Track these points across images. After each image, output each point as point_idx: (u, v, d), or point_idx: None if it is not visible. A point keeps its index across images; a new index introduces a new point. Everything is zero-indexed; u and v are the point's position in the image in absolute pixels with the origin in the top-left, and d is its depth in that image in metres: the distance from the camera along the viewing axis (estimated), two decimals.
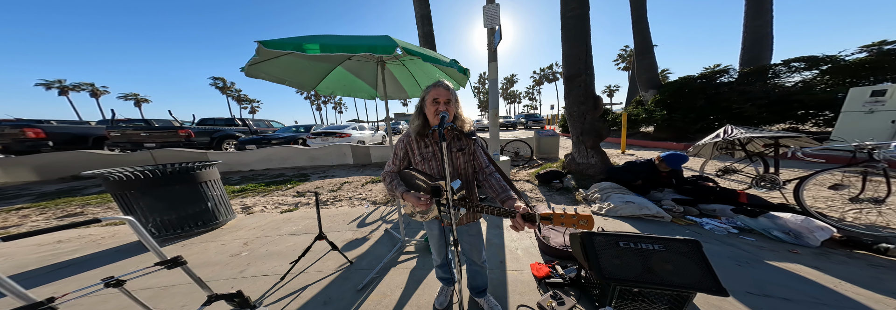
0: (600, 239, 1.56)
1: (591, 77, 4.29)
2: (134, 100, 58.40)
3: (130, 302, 1.24)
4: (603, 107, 4.43)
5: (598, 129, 4.33)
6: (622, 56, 45.38)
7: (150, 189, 2.49)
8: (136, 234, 1.26)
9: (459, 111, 1.19)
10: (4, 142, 7.26)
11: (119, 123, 8.63)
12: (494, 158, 4.35)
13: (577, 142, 4.56)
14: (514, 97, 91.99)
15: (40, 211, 3.79)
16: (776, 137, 2.92)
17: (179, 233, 2.65)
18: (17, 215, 3.65)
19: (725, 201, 2.87)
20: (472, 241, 1.42)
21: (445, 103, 1.13)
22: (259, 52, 1.33)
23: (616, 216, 2.85)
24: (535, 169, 5.19)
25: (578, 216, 0.92)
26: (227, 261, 2.14)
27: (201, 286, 1.42)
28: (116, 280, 1.21)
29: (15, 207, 3.95)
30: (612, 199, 3.06)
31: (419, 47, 1.63)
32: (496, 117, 4.21)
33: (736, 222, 2.57)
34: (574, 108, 4.46)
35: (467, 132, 1.23)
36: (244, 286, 1.79)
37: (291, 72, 1.91)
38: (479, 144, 1.28)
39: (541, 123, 23.12)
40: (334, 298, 1.65)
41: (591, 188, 3.54)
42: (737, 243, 2.23)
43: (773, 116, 6.47)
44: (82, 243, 2.68)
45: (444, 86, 1.13)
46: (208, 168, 2.80)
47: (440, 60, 1.66)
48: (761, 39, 8.85)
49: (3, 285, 0.94)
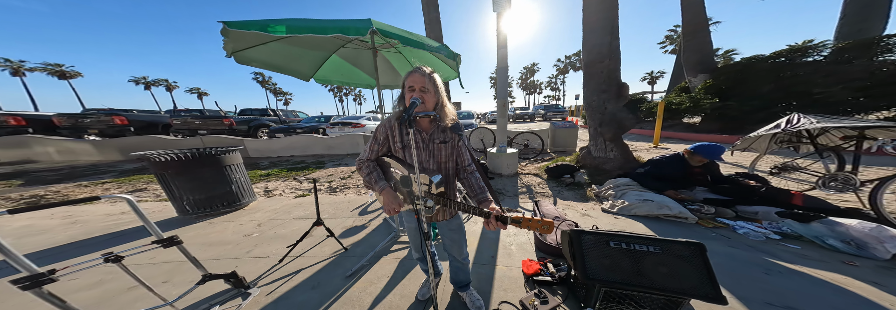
0: (589, 238, 1.43)
1: (615, 62, 3.82)
2: (197, 93, 69.31)
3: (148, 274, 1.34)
4: (628, 95, 3.95)
5: (620, 119, 3.89)
6: (671, 37, 40.05)
7: (183, 170, 2.69)
8: (134, 212, 1.32)
9: (442, 101, 1.09)
10: (100, 127, 8.64)
11: (180, 113, 9.83)
12: (501, 151, 4.14)
13: (595, 134, 4.15)
14: (534, 87, 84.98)
15: (118, 185, 4.35)
16: (862, 127, 2.32)
17: (209, 211, 2.86)
18: (101, 188, 4.24)
19: (772, 203, 2.44)
20: (452, 236, 1.34)
21: (421, 90, 1.03)
22: (225, 34, 1.29)
23: (630, 215, 2.59)
24: (547, 163, 4.87)
25: (543, 222, 0.92)
26: (239, 241, 2.27)
27: (196, 265, 1.49)
28: (115, 256, 1.30)
29: (101, 182, 4.60)
30: (628, 196, 2.76)
31: (400, 30, 1.50)
32: (504, 108, 3.96)
33: (780, 227, 2.19)
34: (593, 97, 4.04)
35: (452, 125, 1.14)
36: (247, 266, 1.88)
37: (284, 59, 1.89)
38: (463, 140, 1.20)
39: (562, 115, 21.01)
40: (323, 283, 1.67)
41: (606, 184, 3.23)
42: (773, 250, 1.91)
43: (873, 101, 5.25)
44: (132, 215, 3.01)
45: (420, 72, 1.03)
46: (231, 153, 2.96)
47: (425, 44, 1.52)
48: (872, 4, 7.06)
49: (9, 256, 1.04)
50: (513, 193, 3.45)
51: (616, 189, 3.00)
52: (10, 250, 1.04)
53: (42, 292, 1.07)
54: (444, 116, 1.11)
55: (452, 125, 1.15)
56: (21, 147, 6.59)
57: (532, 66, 75.36)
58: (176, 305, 1.41)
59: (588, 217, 2.62)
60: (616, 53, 3.80)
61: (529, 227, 0.95)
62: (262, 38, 1.56)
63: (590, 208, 2.86)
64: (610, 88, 3.86)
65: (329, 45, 1.97)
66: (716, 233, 2.21)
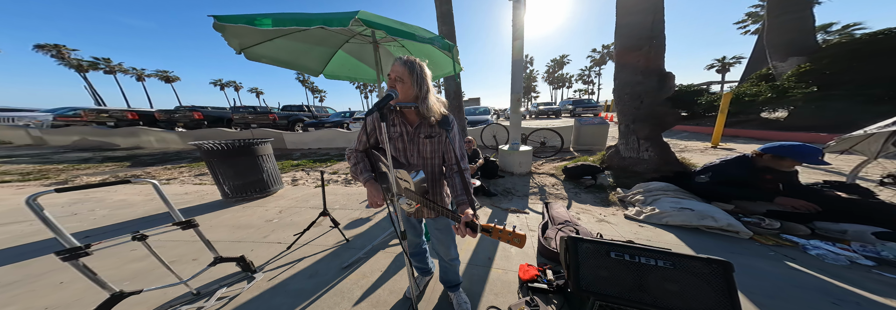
0: (587, 246, 1.30)
1: (658, 48, 3.31)
2: (256, 93, 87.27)
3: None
4: (673, 86, 3.41)
5: (660, 115, 3.41)
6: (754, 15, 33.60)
7: (225, 158, 3.01)
8: (158, 195, 1.47)
9: (424, 93, 1.01)
10: (185, 121, 10.84)
11: (238, 109, 11.38)
12: (514, 148, 3.91)
13: (627, 131, 3.67)
14: (562, 81, 76.56)
15: (190, 169, 5.08)
16: None
17: (244, 196, 3.17)
18: (177, 171, 5.00)
19: (869, 221, 1.91)
20: (438, 235, 1.30)
21: (395, 80, 0.98)
22: (219, 29, 1.36)
23: (659, 224, 2.27)
24: (566, 162, 4.47)
25: (514, 234, 0.83)
26: (261, 225, 2.47)
27: (209, 248, 1.62)
28: (141, 235, 1.48)
29: (180, 166, 5.44)
30: (661, 203, 2.42)
31: (387, 20, 1.43)
32: (518, 103, 3.71)
33: (878, 252, 1.73)
34: (626, 89, 3.57)
35: (440, 120, 1.07)
36: (261, 250, 2.03)
37: (292, 55, 1.95)
38: (452, 137, 1.10)
39: (594, 110, 18.87)
40: (320, 272, 1.73)
41: (634, 188, 2.87)
42: (857, 279, 1.54)
43: None
44: (196, 196, 3.44)
45: (399, 62, 0.97)
46: (263, 145, 3.23)
47: (415, 35, 1.44)
48: None
49: (55, 231, 1.23)
50: (523, 193, 3.25)
51: (646, 194, 2.65)
52: (56, 226, 1.22)
53: (78, 263, 1.24)
54: (427, 108, 1.03)
55: (441, 119, 1.08)
56: (133, 136, 8.10)
57: (561, 59, 68.56)
58: (190, 283, 1.57)
59: (605, 224, 2.36)
60: (660, 37, 3.29)
61: (500, 238, 0.86)
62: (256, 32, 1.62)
63: (610, 214, 2.58)
64: (648, 78, 3.37)
65: (334, 41, 1.99)
66: (775, 252, 1.82)
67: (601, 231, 2.19)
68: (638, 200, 2.64)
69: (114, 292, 1.34)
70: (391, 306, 1.45)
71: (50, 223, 1.21)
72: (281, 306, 1.44)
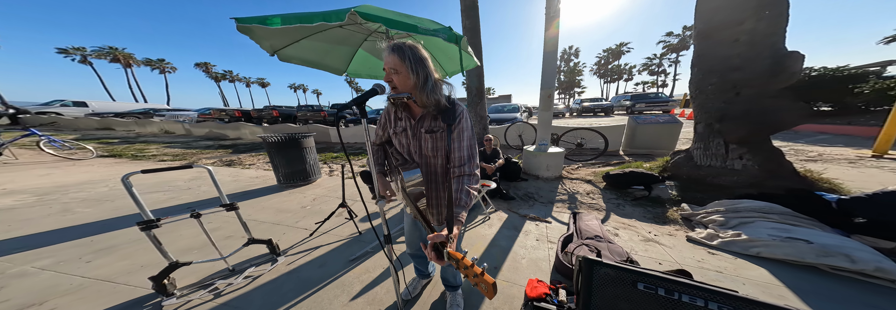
0: (606, 272, 1.09)
1: (775, 20, 2.47)
2: (316, 93, 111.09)
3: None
4: (798, 71, 2.50)
5: (769, 111, 2.59)
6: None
7: (279, 149, 3.41)
8: (211, 180, 1.67)
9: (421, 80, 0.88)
10: (267, 117, 14.16)
11: (301, 108, 14.07)
12: (541, 149, 3.52)
13: (708, 133, 2.92)
14: (618, 73, 62.33)
15: (265, 157, 5.80)
16: None
17: (291, 183, 3.55)
18: (257, 158, 5.79)
19: None
20: None
21: (393, 72, 0.87)
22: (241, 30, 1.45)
23: (744, 254, 1.80)
24: (609, 168, 3.79)
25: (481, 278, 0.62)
26: (296, 210, 2.71)
27: (245, 230, 1.81)
28: (197, 213, 1.71)
29: (259, 154, 6.28)
30: (754, 228, 1.92)
31: (387, 12, 1.36)
32: (549, 100, 3.25)
33: None
34: (710, 78, 2.82)
35: (443, 113, 0.93)
36: (290, 234, 2.22)
37: (317, 55, 2.03)
38: (458, 133, 0.94)
39: (665, 106, 14.81)
40: (328, 263, 1.81)
41: (710, 206, 2.32)
42: None
43: None
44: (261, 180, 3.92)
45: (388, 50, 0.86)
46: (306, 138, 3.56)
47: (418, 27, 1.34)
48: None
49: (139, 206, 1.46)
50: (547, 200, 2.89)
51: (729, 215, 2.12)
52: (140, 201, 1.45)
53: (150, 234, 1.50)
54: (422, 99, 0.89)
55: (443, 112, 0.93)
56: (237, 130, 9.85)
57: (618, 48, 55.08)
58: (228, 260, 1.78)
59: (654, 245, 1.96)
60: (779, 4, 2.43)
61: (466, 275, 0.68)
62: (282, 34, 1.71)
63: (664, 233, 2.12)
64: (750, 62, 2.57)
65: (353, 40, 2.01)
66: None
67: (646, 253, 1.83)
68: (713, 222, 2.12)
69: (171, 262, 1.58)
70: (387, 306, 1.44)
71: (135, 198, 1.45)
72: (288, 293, 1.54)
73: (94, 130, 12.42)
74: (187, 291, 1.58)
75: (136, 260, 1.87)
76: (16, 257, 1.91)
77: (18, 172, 4.41)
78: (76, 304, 1.47)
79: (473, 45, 3.08)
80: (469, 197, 0.89)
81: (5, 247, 2.06)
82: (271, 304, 1.45)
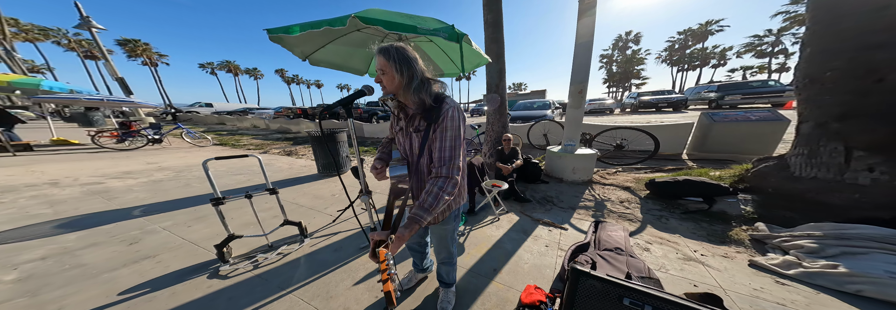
0: (592, 284, 1.01)
1: None
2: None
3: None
4: None
5: None
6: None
7: (318, 143, 3.84)
8: (260, 167, 1.96)
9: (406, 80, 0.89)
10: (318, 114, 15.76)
11: None
12: (567, 150, 3.30)
13: (820, 134, 2.24)
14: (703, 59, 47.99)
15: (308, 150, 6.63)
16: None
17: (327, 173, 3.96)
18: (308, 149, 6.47)
19: None
20: (435, 237, 1.27)
21: (382, 74, 0.89)
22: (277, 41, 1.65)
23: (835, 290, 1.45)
24: (659, 174, 3.20)
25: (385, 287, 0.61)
26: (326, 197, 2.99)
27: (282, 212, 2.08)
28: (249, 194, 2.03)
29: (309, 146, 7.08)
30: (865, 261, 1.52)
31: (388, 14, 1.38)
32: (579, 96, 2.85)
33: None
34: (831, 62, 2.14)
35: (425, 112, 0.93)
36: (317, 218, 2.45)
37: (342, 59, 2.18)
38: (440, 131, 0.91)
39: (779, 98, 10.92)
40: (343, 248, 1.96)
41: (800, 228, 1.86)
42: None
43: None
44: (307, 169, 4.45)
45: (376, 53, 0.88)
46: (339, 134, 3.91)
47: (417, 28, 1.35)
48: None
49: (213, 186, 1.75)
50: (568, 205, 2.61)
51: (827, 241, 1.69)
52: (213, 182, 1.74)
53: (218, 209, 1.83)
54: (407, 98, 0.91)
55: (425, 111, 0.93)
56: (298, 125, 11.30)
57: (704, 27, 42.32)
58: (268, 237, 2.08)
59: (695, 265, 1.66)
60: None
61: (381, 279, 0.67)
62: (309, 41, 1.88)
63: (718, 254, 1.77)
64: None
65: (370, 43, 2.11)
66: None
67: (680, 272, 1.58)
68: (800, 248, 1.71)
69: (229, 234, 1.91)
70: (381, 295, 1.52)
71: (210, 180, 1.76)
72: (304, 272, 1.71)
73: (214, 124, 15.83)
74: (237, 260, 1.88)
75: (217, 229, 2.27)
76: (154, 218, 2.54)
77: (168, 154, 5.94)
78: (173, 259, 1.86)
79: (495, 40, 2.90)
80: (436, 200, 0.84)
81: (152, 209, 2.77)
82: (289, 280, 1.64)
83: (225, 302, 1.44)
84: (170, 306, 1.40)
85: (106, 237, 2.19)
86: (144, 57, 41.39)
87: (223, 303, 1.43)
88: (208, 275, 1.68)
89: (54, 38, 34.80)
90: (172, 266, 1.78)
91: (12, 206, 2.89)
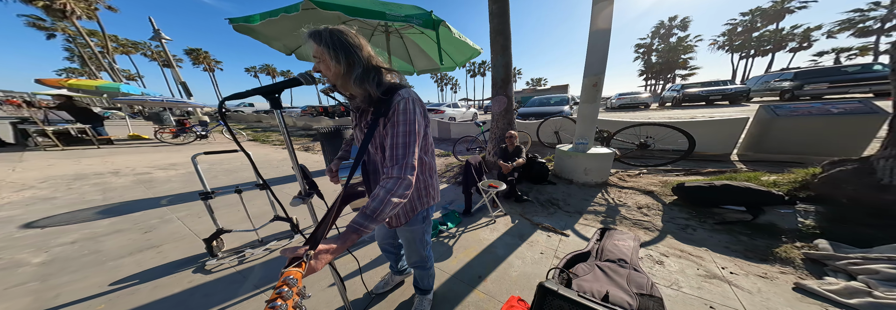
0: (558, 304, 0.90)
1: None
2: None
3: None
4: None
5: None
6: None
7: (329, 139, 3.80)
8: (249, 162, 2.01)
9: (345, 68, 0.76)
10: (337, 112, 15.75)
11: None
12: (578, 149, 3.02)
13: None
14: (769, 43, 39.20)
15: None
16: None
17: None
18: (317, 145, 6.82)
19: None
20: (403, 240, 1.18)
21: (318, 62, 0.78)
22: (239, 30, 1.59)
23: None
24: (694, 178, 2.71)
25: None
26: (329, 193, 2.98)
27: (272, 207, 2.11)
28: (239, 189, 2.06)
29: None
30: None
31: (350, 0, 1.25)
32: (593, 90, 2.49)
33: None
34: None
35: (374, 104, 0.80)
36: (320, 214, 2.45)
37: None
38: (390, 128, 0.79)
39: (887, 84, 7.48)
40: None
41: (879, 249, 1.49)
42: None
43: None
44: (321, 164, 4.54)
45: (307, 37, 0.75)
46: (347, 130, 3.86)
47: (385, 14, 1.19)
48: None
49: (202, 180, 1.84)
50: (575, 209, 2.34)
51: None
52: (202, 177, 1.77)
53: (207, 204, 1.87)
54: (349, 89, 0.80)
55: (373, 104, 0.81)
56: (320, 122, 11.75)
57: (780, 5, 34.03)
58: (258, 232, 2.09)
59: (719, 284, 1.40)
60: None
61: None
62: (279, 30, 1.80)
63: (754, 273, 1.48)
64: None
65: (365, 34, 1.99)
66: None
67: (696, 292, 1.33)
68: (872, 273, 1.38)
69: (219, 228, 1.94)
70: (357, 297, 1.43)
71: (199, 174, 1.79)
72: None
73: (254, 122, 17.03)
74: (226, 254, 1.89)
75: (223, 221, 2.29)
76: (175, 208, 2.69)
77: (210, 147, 6.55)
78: (172, 250, 1.92)
79: (501, 32, 2.59)
80: (381, 205, 0.69)
81: (177, 199, 2.94)
82: (268, 277, 1.62)
83: (200, 298, 1.43)
84: (148, 301, 1.41)
85: (130, 224, 2.34)
86: (205, 63, 46.78)
87: (198, 299, 1.43)
88: (194, 269, 1.70)
89: (142, 51, 41.74)
90: (170, 257, 1.84)
91: (76, 191, 3.22)
